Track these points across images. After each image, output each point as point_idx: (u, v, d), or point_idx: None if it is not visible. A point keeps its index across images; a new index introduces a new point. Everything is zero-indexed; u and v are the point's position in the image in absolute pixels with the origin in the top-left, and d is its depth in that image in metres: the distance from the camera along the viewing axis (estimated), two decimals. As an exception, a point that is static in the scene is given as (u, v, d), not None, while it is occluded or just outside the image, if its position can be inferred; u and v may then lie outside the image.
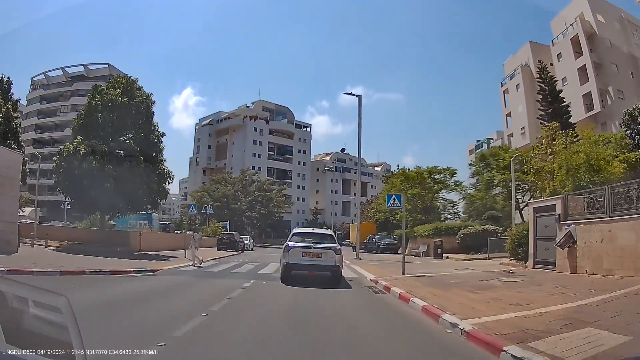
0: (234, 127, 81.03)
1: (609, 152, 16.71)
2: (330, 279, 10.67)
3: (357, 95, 24.59)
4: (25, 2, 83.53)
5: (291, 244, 10.92)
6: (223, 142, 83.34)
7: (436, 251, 23.66)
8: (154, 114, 22.71)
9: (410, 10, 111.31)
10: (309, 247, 10.81)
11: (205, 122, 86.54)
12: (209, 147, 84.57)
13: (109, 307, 6.93)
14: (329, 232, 13.21)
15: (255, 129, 79.58)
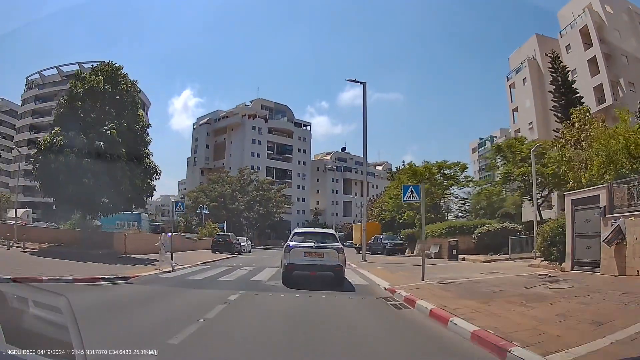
0: (233, 126, 79.21)
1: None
2: (337, 285, 10.12)
3: (362, 82, 22.57)
4: (25, 2, 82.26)
5: (292, 243, 10.58)
6: (221, 142, 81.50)
7: (451, 252, 21.51)
8: (141, 104, 20.83)
9: (410, 10, 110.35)
10: (310, 246, 10.46)
11: (203, 121, 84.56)
12: (207, 146, 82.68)
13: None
14: (331, 232, 12.84)
15: (254, 128, 77.61)
